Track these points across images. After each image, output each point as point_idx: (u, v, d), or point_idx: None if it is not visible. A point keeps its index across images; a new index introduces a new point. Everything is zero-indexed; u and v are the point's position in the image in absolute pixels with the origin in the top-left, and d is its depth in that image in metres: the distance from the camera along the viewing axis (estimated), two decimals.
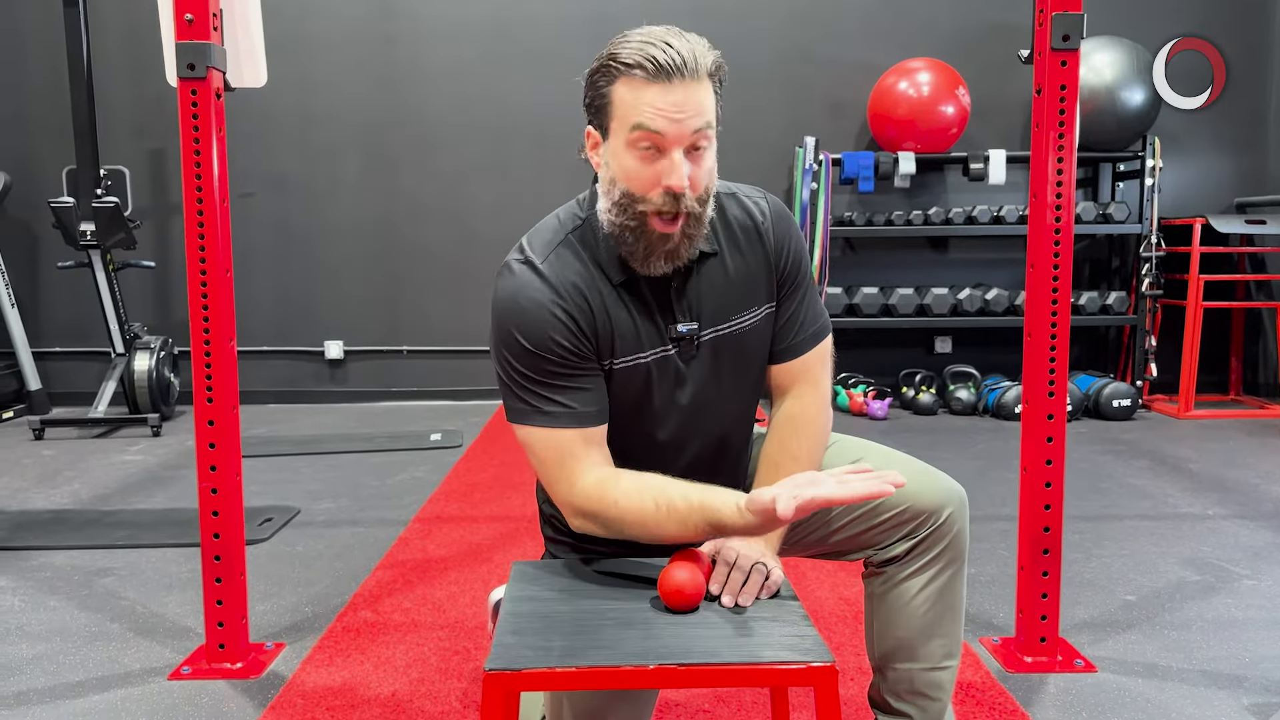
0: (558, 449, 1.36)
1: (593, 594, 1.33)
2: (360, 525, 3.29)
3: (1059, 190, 2.11)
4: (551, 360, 1.35)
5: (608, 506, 1.33)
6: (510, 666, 1.12)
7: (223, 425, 2.15)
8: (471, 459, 4.28)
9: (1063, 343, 2.15)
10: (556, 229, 1.43)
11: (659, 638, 1.19)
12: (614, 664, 1.12)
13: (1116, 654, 2.23)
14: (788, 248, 1.50)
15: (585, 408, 1.37)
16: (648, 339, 1.41)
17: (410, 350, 5.80)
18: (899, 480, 1.16)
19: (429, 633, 2.36)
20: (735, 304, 1.46)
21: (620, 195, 1.34)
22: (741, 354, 1.47)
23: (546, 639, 1.19)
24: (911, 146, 5.22)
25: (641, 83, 1.28)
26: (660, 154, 1.30)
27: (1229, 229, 5.04)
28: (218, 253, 2.12)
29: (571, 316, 1.36)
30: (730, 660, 1.13)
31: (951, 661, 1.52)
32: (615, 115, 1.32)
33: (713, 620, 1.24)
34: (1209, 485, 3.75)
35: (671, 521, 1.29)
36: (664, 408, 1.45)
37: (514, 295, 1.37)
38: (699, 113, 1.29)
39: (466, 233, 5.71)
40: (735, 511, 1.24)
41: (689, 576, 1.27)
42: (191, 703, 2.03)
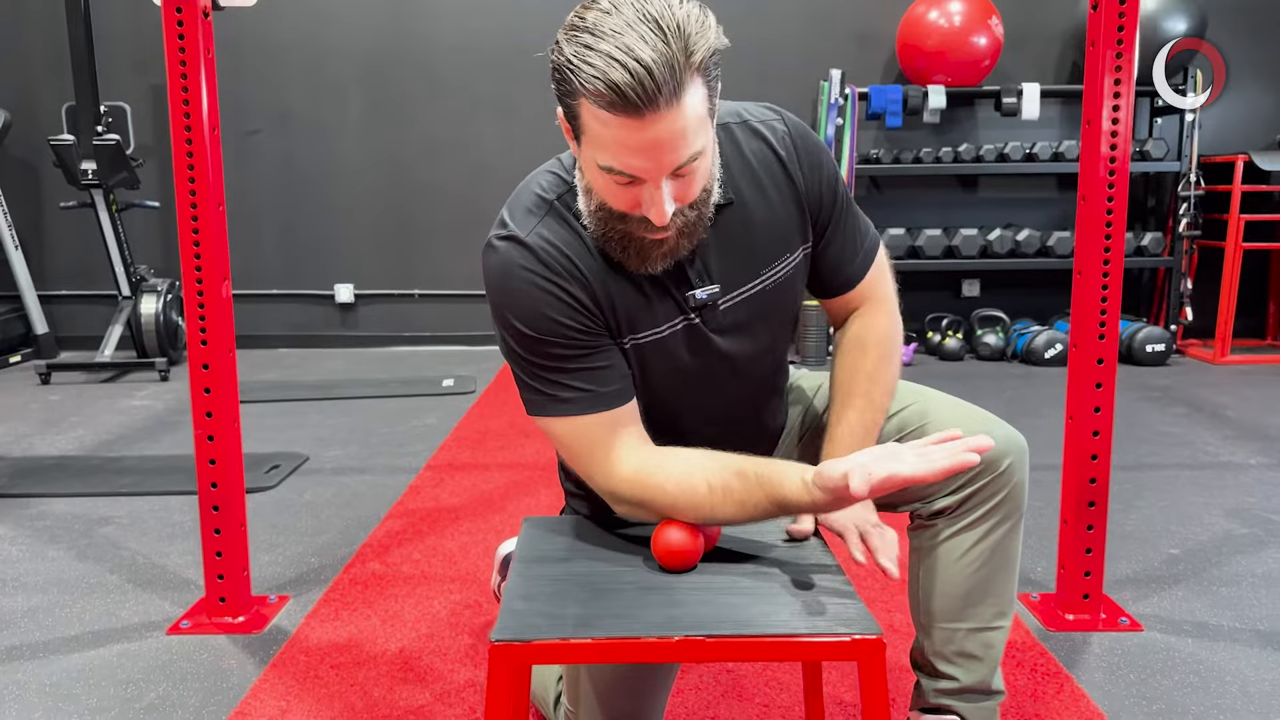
0: (585, 438, 1.21)
1: (611, 556, 1.21)
2: (370, 473, 3.19)
3: (1115, 116, 1.94)
4: (555, 342, 1.19)
5: (654, 494, 1.18)
6: (519, 637, 1.00)
7: (218, 369, 2.04)
8: (484, 405, 4.17)
9: (1115, 282, 2.00)
10: (538, 198, 1.24)
11: (684, 605, 1.07)
12: (634, 635, 1.00)
13: (1163, 611, 2.11)
14: (820, 175, 1.30)
15: (605, 387, 1.21)
16: (664, 311, 1.25)
17: (422, 294, 5.67)
18: (987, 444, 1.02)
19: (439, 585, 2.26)
20: (764, 256, 1.28)
21: (597, 207, 1.16)
22: (776, 307, 1.32)
23: (560, 605, 1.07)
24: (942, 80, 5.00)
25: (608, 117, 1.03)
26: (638, 183, 1.09)
27: (1273, 166, 4.82)
28: (208, 185, 1.98)
29: (567, 291, 1.18)
30: (765, 632, 1.01)
31: (1004, 621, 1.40)
32: (585, 132, 1.09)
33: (744, 586, 1.12)
34: (1249, 433, 3.60)
35: (729, 504, 1.14)
36: (696, 380, 1.30)
37: (501, 276, 1.20)
38: (680, 145, 1.05)
39: (478, 171, 5.54)
40: (802, 487, 1.10)
41: (682, 535, 1.15)
42: (190, 659, 1.94)
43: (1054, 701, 1.74)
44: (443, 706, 1.73)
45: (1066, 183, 5.46)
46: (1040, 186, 5.48)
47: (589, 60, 1.02)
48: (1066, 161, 5.06)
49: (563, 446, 1.25)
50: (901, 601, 2.14)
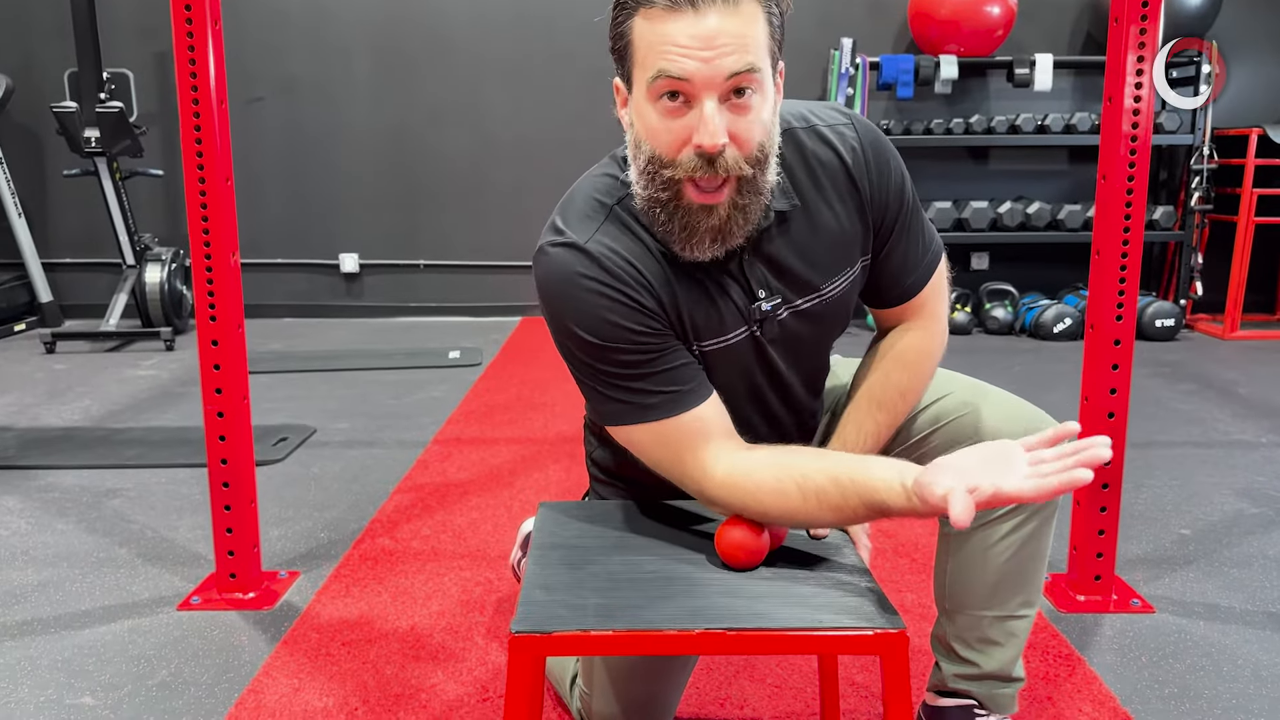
0: (673, 443, 1.16)
1: (631, 544, 1.20)
2: (378, 446, 3.18)
3: (1138, 94, 1.91)
4: (624, 348, 1.14)
5: (747, 500, 1.13)
6: (539, 628, 0.99)
7: (227, 345, 2.02)
8: (491, 378, 4.16)
9: (1134, 263, 1.97)
10: (594, 201, 1.19)
11: (705, 597, 1.06)
12: (656, 627, 1.00)
13: (1174, 593, 2.11)
14: (887, 185, 1.25)
15: (685, 385, 1.16)
16: (730, 318, 1.21)
17: (427, 264, 5.64)
18: (1103, 457, 0.95)
19: (449, 562, 2.26)
20: (825, 268, 1.24)
21: (646, 160, 1.10)
22: (833, 319, 1.29)
23: (579, 595, 1.06)
24: (954, 50, 4.94)
25: (661, 13, 1.03)
26: (689, 105, 1.06)
27: None
28: (216, 159, 1.96)
29: (631, 298, 1.14)
30: (787, 625, 1.00)
31: (1029, 611, 1.39)
32: (636, 60, 1.08)
33: (764, 577, 1.11)
34: (1260, 411, 3.58)
35: (825, 510, 1.10)
36: (752, 387, 1.28)
37: (561, 285, 1.15)
38: (739, 48, 1.03)
39: (486, 139, 5.50)
40: (902, 494, 1.04)
41: (747, 534, 1.13)
42: (201, 635, 1.94)
43: (1066, 684, 1.74)
44: (455, 686, 1.73)
45: (1078, 155, 5.41)
46: (1051, 159, 5.43)
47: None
48: (1079, 134, 5.01)
49: (647, 453, 1.20)
50: (912, 580, 2.14)
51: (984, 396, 1.37)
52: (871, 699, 1.69)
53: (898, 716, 1.01)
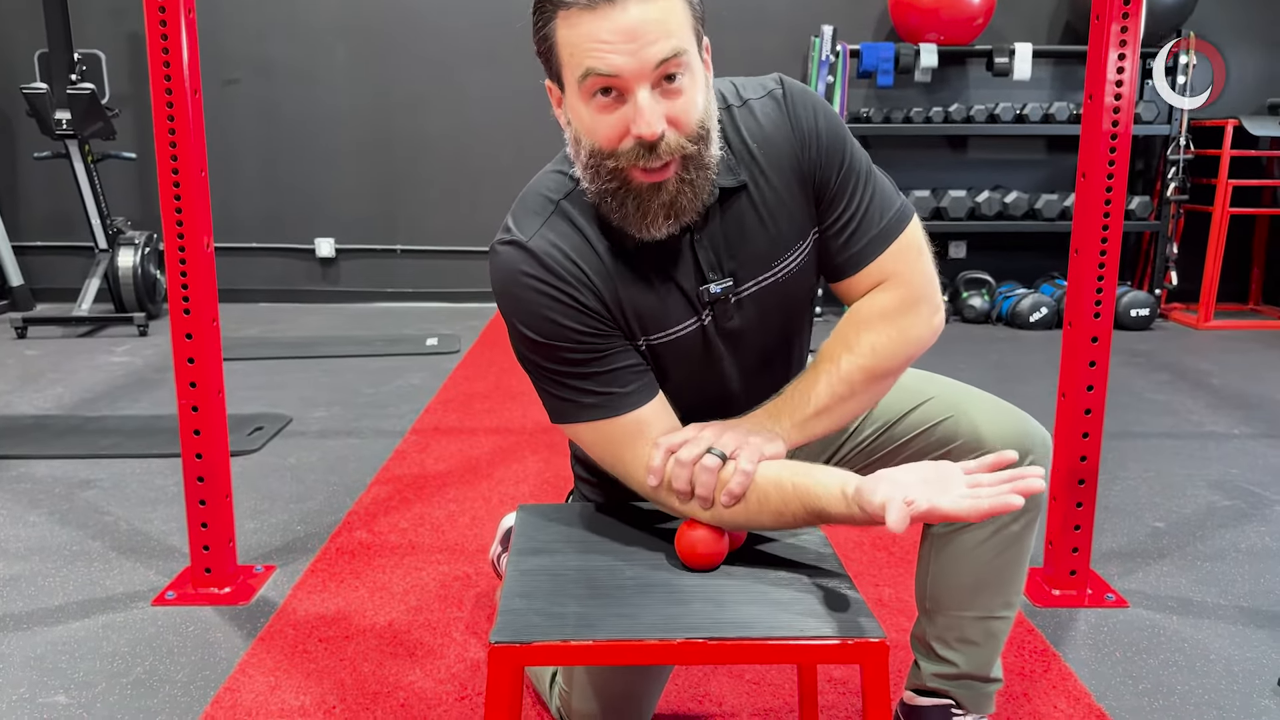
0: (613, 441, 1.18)
1: (610, 548, 1.20)
2: (355, 436, 3.16)
3: (1119, 91, 1.91)
4: (566, 347, 1.15)
5: (691, 508, 1.15)
6: (519, 638, 0.99)
7: (201, 338, 2.00)
8: (469, 366, 4.14)
9: (1112, 260, 1.98)
10: (541, 198, 1.20)
11: (685, 604, 1.06)
12: (637, 637, 0.99)
13: (1148, 587, 2.13)
14: (823, 148, 1.21)
15: (627, 387, 1.17)
16: (676, 309, 1.20)
17: (405, 249, 5.60)
18: (1036, 488, 0.97)
19: (428, 556, 2.25)
20: (776, 245, 1.22)
21: (588, 155, 1.11)
22: (790, 299, 1.27)
23: (559, 603, 1.06)
24: (934, 38, 4.94)
25: (581, 13, 1.03)
26: (622, 99, 1.06)
27: (1262, 131, 4.81)
28: (190, 150, 1.93)
29: (572, 297, 1.14)
30: (768, 635, 1.00)
31: (1009, 612, 1.39)
32: (563, 61, 1.08)
33: (745, 581, 1.11)
34: (1233, 402, 3.62)
35: (765, 513, 1.12)
36: (711, 379, 1.27)
37: (506, 283, 1.16)
38: (662, 34, 1.03)
39: (464, 123, 5.46)
40: (841, 501, 1.06)
41: (708, 537, 1.13)
42: (176, 631, 1.92)
43: (1042, 680, 1.75)
44: (433, 683, 1.73)
45: (1056, 145, 5.43)
46: (1029, 148, 5.45)
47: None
48: (1057, 123, 5.03)
49: (590, 450, 1.21)
50: (889, 575, 2.15)
51: (969, 400, 1.36)
52: (849, 694, 1.69)
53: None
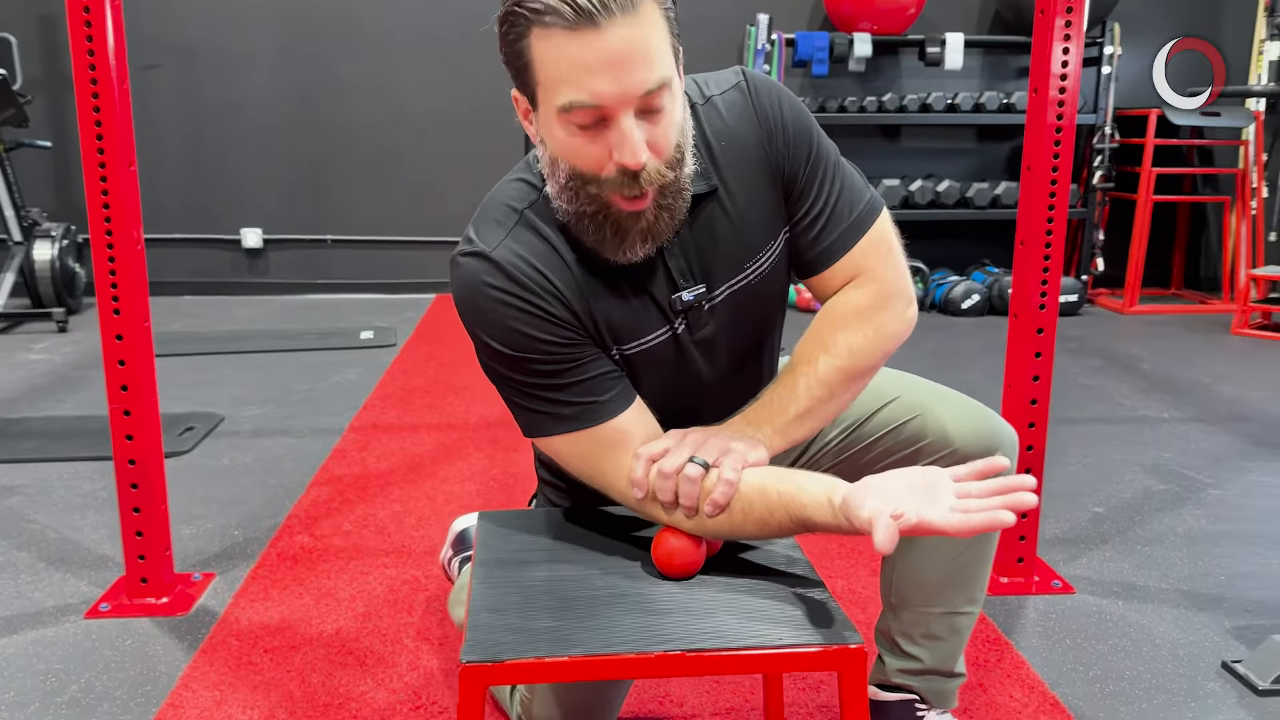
0: (591, 453, 1.14)
1: (579, 557, 1.17)
2: (291, 435, 3.08)
3: (1063, 85, 1.93)
4: (536, 359, 1.11)
5: (675, 518, 1.12)
6: (491, 657, 0.96)
7: (133, 339, 1.91)
8: (407, 359, 4.06)
9: (1057, 252, 2.00)
10: (505, 208, 1.15)
11: (659, 615, 1.03)
12: (613, 651, 0.97)
13: (1091, 573, 2.16)
14: (790, 141, 1.18)
15: (602, 396, 1.13)
16: (649, 320, 1.17)
17: (335, 240, 5.48)
18: (1028, 503, 0.96)
19: (374, 559, 2.19)
20: (748, 246, 1.19)
21: (567, 178, 1.07)
22: (763, 301, 1.25)
23: (529, 617, 1.03)
24: (867, 27, 4.97)
25: (562, 33, 0.97)
26: (604, 123, 1.02)
27: (1184, 121, 4.93)
28: (118, 143, 1.84)
29: (540, 308, 1.10)
30: (744, 645, 0.98)
31: (973, 608, 1.40)
32: (539, 80, 1.02)
33: (717, 589, 1.09)
34: (1162, 386, 3.71)
35: (750, 523, 1.09)
36: (686, 386, 1.24)
37: (469, 296, 1.11)
38: (646, 63, 0.99)
39: (395, 111, 5.34)
40: (829, 511, 1.03)
41: (685, 545, 1.11)
42: (113, 645, 1.84)
43: (996, 670, 1.77)
44: (386, 694, 1.68)
45: (986, 134, 5.51)
46: (960, 137, 5.52)
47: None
48: (987, 112, 5.10)
49: (567, 463, 1.17)
50: (842, 566, 2.16)
51: (936, 398, 1.35)
52: (811, 690, 1.69)
53: None
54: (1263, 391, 3.65)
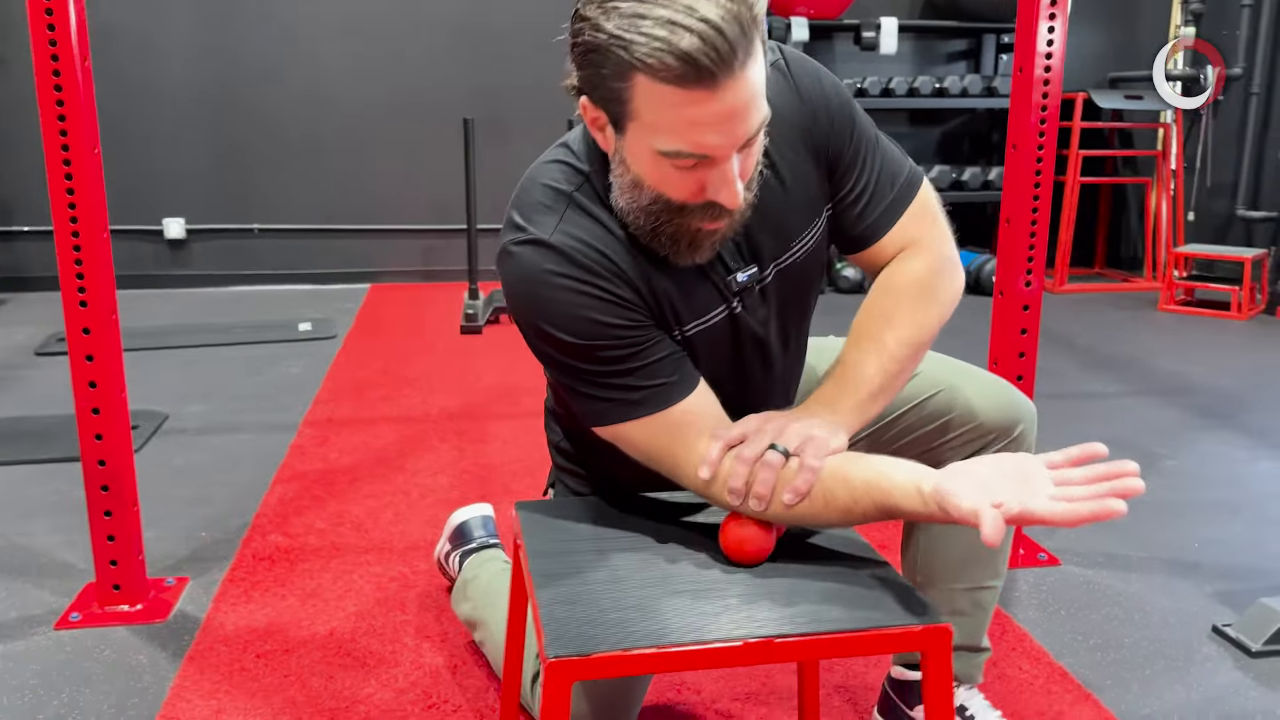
0: (664, 438, 1.10)
1: (632, 545, 1.14)
2: (243, 431, 2.96)
3: (1049, 64, 1.95)
4: (605, 345, 1.07)
5: (750, 505, 1.08)
6: (578, 651, 0.92)
7: (101, 332, 1.81)
8: (351, 351, 3.94)
9: (1042, 230, 2.03)
10: (551, 191, 1.11)
11: (739, 601, 1.00)
12: (704, 640, 0.94)
13: (1073, 545, 2.21)
14: (826, 111, 1.16)
15: (671, 377, 1.10)
16: (705, 300, 1.15)
17: (262, 229, 5.29)
18: (1137, 489, 0.94)
19: (356, 557, 2.12)
20: (796, 225, 1.17)
21: (650, 201, 1.04)
22: (807, 278, 1.23)
23: (605, 610, 0.99)
24: (804, 12, 4.99)
25: (672, 91, 0.92)
26: (705, 162, 0.98)
27: (1109, 104, 5.08)
28: (82, 129, 1.74)
29: (607, 290, 1.07)
30: (836, 629, 0.96)
31: (996, 582, 1.41)
32: (637, 118, 0.98)
33: (788, 576, 1.06)
34: (1102, 362, 3.82)
35: (832, 511, 1.05)
36: (738, 365, 1.21)
37: (531, 286, 1.07)
38: (752, 113, 0.96)
39: (321, 96, 5.18)
40: (919, 499, 1.00)
41: (755, 529, 1.08)
42: (91, 656, 1.74)
43: (1001, 643, 1.79)
44: (393, 694, 1.62)
45: (919, 118, 5.60)
46: (894, 121, 5.59)
47: (645, 30, 0.90)
48: (921, 96, 5.18)
49: (638, 449, 1.13)
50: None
51: (959, 374, 1.35)
52: (825, 670, 1.68)
53: (939, 707, 0.99)
54: (1197, 365, 3.79)
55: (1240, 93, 5.25)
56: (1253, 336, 4.38)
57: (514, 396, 3.30)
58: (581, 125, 1.14)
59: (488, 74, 5.27)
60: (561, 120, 4.57)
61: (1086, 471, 0.97)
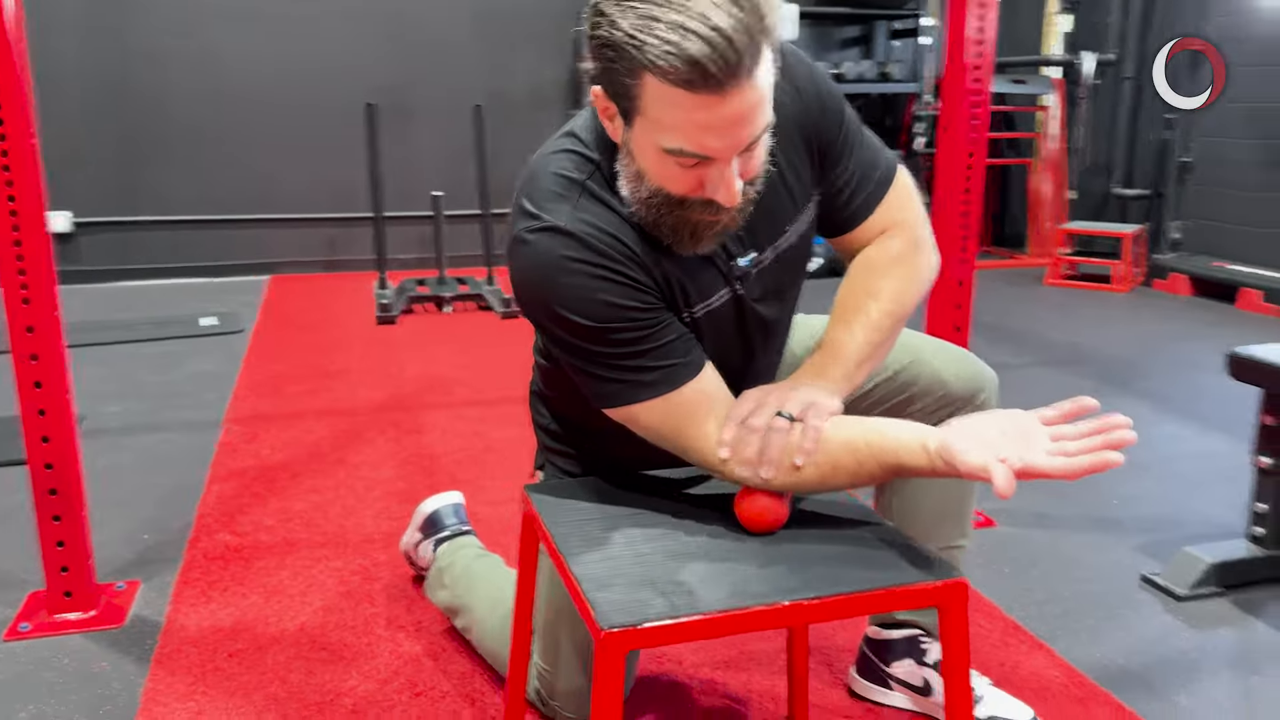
0: (675, 417, 1.14)
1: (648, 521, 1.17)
2: (166, 430, 2.87)
3: (980, 50, 2.05)
4: (620, 327, 1.10)
5: (762, 477, 1.13)
6: (631, 622, 0.95)
7: (44, 331, 1.75)
8: (262, 346, 3.84)
9: (975, 207, 2.13)
10: (562, 179, 1.13)
11: (765, 567, 1.05)
12: (745, 605, 0.98)
13: (1005, 507, 2.32)
14: (819, 104, 1.21)
15: (683, 358, 1.14)
16: (710, 283, 1.19)
17: (154, 221, 5.09)
18: (1129, 439, 1.01)
19: (312, 552, 2.09)
20: (790, 210, 1.22)
21: (650, 194, 1.08)
22: (798, 261, 1.28)
23: (647, 582, 1.02)
24: None
25: (682, 94, 0.96)
26: (706, 161, 1.02)
27: (996, 88, 5.30)
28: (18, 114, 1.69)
29: (623, 273, 1.10)
30: (860, 588, 1.02)
31: (964, 541, 1.49)
32: (644, 114, 1.01)
33: (810, 547, 1.11)
34: (1001, 335, 4.01)
35: (840, 475, 1.10)
36: (737, 345, 1.26)
37: (548, 271, 1.10)
38: (755, 119, 1.00)
39: (213, 84, 5.00)
40: (924, 456, 1.06)
41: (770, 498, 1.13)
42: (49, 666, 1.68)
43: None
44: (377, 685, 1.62)
45: None
46: None
47: (657, 33, 0.94)
48: None
49: (648, 429, 1.16)
50: None
51: (923, 346, 1.43)
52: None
53: (958, 660, 1.06)
54: (1088, 335, 4.01)
55: (1114, 77, 5.55)
56: (1134, 307, 4.66)
57: (444, 387, 3.28)
58: (588, 112, 1.18)
59: (389, 59, 5.17)
60: (466, 105, 4.53)
61: (1080, 426, 1.04)
